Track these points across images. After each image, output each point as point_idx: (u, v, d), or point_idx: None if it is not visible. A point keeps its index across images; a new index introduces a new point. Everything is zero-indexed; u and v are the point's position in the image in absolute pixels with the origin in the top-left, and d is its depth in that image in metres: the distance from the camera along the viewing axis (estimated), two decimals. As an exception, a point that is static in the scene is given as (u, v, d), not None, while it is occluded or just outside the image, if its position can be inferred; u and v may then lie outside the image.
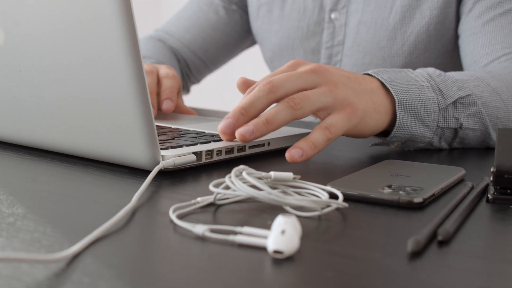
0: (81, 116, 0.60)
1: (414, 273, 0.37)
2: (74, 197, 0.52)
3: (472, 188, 0.56)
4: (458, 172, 0.61)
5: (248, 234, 0.41)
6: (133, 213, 0.47)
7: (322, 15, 1.08)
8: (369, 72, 0.73)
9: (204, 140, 0.66)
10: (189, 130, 0.73)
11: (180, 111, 0.91)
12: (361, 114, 0.67)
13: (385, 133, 0.75)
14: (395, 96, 0.71)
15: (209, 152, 0.63)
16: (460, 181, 0.61)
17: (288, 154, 0.62)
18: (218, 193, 0.49)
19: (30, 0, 0.59)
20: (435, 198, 0.54)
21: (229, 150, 0.65)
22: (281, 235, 0.39)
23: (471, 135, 0.77)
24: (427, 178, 0.58)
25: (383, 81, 0.72)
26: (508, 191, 0.54)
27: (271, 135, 0.71)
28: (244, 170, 0.49)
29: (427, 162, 0.68)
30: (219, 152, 0.64)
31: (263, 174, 0.51)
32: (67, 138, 0.62)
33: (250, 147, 0.68)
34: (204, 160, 0.62)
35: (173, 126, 0.76)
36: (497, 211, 0.52)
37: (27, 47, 0.61)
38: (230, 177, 0.48)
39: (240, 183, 0.47)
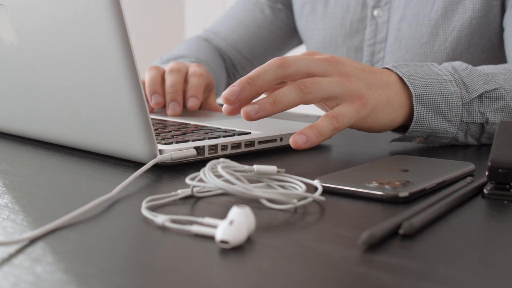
0: (87, 114, 0.62)
1: (353, 267, 0.37)
2: (65, 189, 0.54)
3: (469, 184, 0.54)
4: (464, 167, 0.59)
5: (204, 225, 0.42)
6: (113, 203, 0.48)
7: (365, 12, 1.07)
8: (388, 66, 0.72)
9: (214, 136, 0.66)
10: (206, 126, 0.74)
11: (208, 108, 0.92)
12: (371, 107, 0.66)
13: (405, 129, 0.73)
14: (412, 90, 0.69)
15: (213, 147, 0.63)
16: (466, 177, 0.59)
17: (292, 140, 0.62)
18: (195, 186, 0.49)
19: (36, 3, 0.62)
20: (428, 193, 0.52)
21: (236, 145, 0.66)
22: (228, 226, 0.39)
23: (499, 131, 0.74)
24: (426, 173, 0.56)
25: (400, 75, 0.70)
26: (507, 186, 0.52)
27: (284, 131, 0.71)
28: (220, 163, 0.49)
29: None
30: (224, 147, 0.64)
31: (246, 167, 0.51)
32: (75, 133, 0.65)
33: (260, 142, 0.68)
34: (207, 155, 0.63)
35: (192, 123, 0.77)
36: (489, 207, 0.50)
37: (37, 47, 0.64)
38: (204, 170, 0.48)
39: (212, 176, 0.47)
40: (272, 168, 0.52)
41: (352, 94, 0.65)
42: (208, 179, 0.47)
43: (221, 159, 0.50)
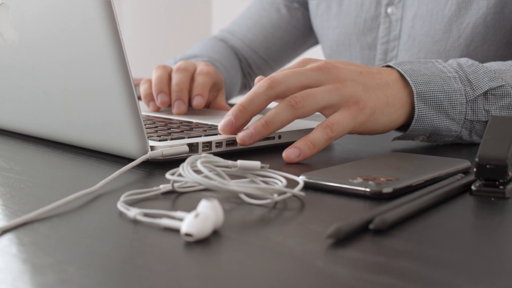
0: (82, 111, 0.63)
1: (312, 261, 0.36)
2: (52, 185, 0.54)
3: (458, 180, 0.53)
4: (459, 164, 0.58)
5: (174, 218, 0.42)
6: (95, 198, 0.49)
7: (379, 9, 1.05)
8: (390, 63, 0.71)
9: (211, 133, 0.66)
10: (206, 124, 0.74)
11: (216, 107, 0.92)
12: (369, 111, 0.65)
13: (408, 127, 0.72)
14: (413, 88, 0.68)
15: (207, 144, 0.63)
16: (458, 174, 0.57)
17: (284, 154, 0.62)
18: (175, 181, 0.49)
19: (36, 4, 0.63)
20: (414, 190, 0.51)
21: (231, 143, 0.65)
22: (194, 219, 0.39)
23: (506, 129, 0.72)
24: (417, 170, 0.55)
25: (402, 72, 0.69)
26: (496, 183, 0.51)
27: (283, 128, 0.70)
28: (200, 158, 0.49)
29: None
30: (218, 144, 0.64)
31: (229, 162, 0.51)
32: (72, 130, 0.66)
33: (257, 139, 0.67)
34: (201, 152, 0.63)
35: (197, 121, 0.77)
36: (474, 204, 0.49)
37: (36, 46, 0.65)
38: (183, 165, 0.48)
39: (190, 170, 0.47)
40: (256, 164, 0.52)
41: (349, 99, 0.64)
42: (186, 173, 0.47)
43: (203, 154, 0.50)
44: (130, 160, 0.60)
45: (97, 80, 0.59)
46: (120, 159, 0.62)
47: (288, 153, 0.62)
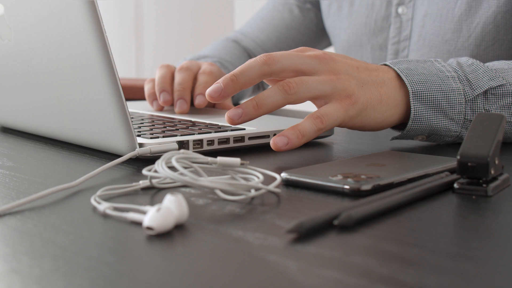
0: (74, 110, 0.63)
1: (266, 254, 0.36)
2: (38, 180, 0.55)
3: (441, 178, 0.52)
4: (447, 163, 0.57)
5: (140, 212, 0.42)
6: (74, 193, 0.49)
7: (390, 9, 1.05)
8: (387, 62, 0.71)
9: (205, 131, 0.67)
10: (205, 122, 0.75)
11: (221, 107, 0.92)
12: (361, 106, 0.64)
13: (406, 127, 0.71)
14: (409, 87, 0.67)
15: (198, 142, 0.64)
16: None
17: (272, 142, 0.61)
18: (153, 177, 0.50)
19: (28, 5, 0.64)
20: (395, 187, 0.51)
21: (224, 140, 0.66)
22: (156, 213, 0.39)
23: (507, 128, 0.71)
24: (401, 168, 0.55)
25: (398, 72, 0.68)
26: (480, 181, 0.50)
27: (278, 127, 0.70)
28: (177, 154, 0.49)
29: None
30: (210, 142, 0.64)
31: (209, 159, 0.51)
32: (66, 128, 0.66)
33: (251, 138, 0.68)
34: (191, 150, 0.63)
35: (195, 120, 0.77)
36: (455, 202, 0.48)
37: (30, 45, 0.66)
38: (158, 161, 0.48)
39: (164, 166, 0.47)
40: (236, 160, 0.52)
41: (341, 92, 0.64)
42: (160, 169, 0.47)
43: (182, 151, 0.50)
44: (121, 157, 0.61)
45: (85, 81, 0.60)
46: (112, 156, 0.63)
47: (276, 141, 0.61)
